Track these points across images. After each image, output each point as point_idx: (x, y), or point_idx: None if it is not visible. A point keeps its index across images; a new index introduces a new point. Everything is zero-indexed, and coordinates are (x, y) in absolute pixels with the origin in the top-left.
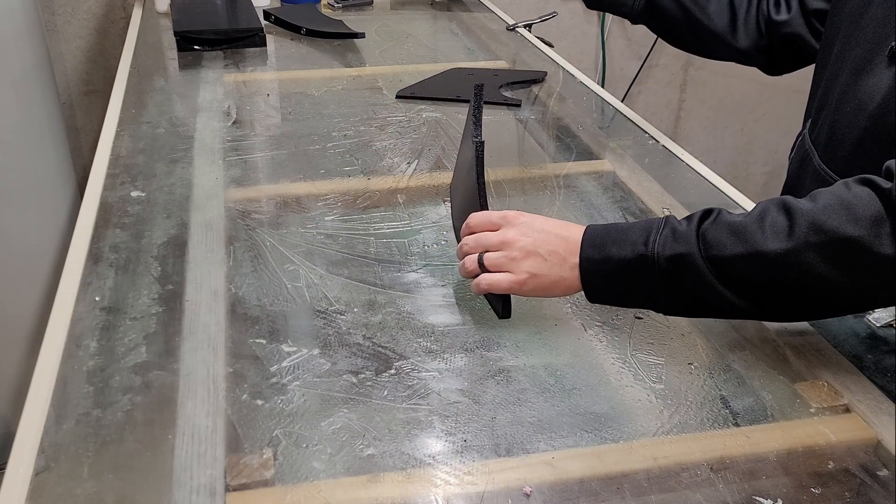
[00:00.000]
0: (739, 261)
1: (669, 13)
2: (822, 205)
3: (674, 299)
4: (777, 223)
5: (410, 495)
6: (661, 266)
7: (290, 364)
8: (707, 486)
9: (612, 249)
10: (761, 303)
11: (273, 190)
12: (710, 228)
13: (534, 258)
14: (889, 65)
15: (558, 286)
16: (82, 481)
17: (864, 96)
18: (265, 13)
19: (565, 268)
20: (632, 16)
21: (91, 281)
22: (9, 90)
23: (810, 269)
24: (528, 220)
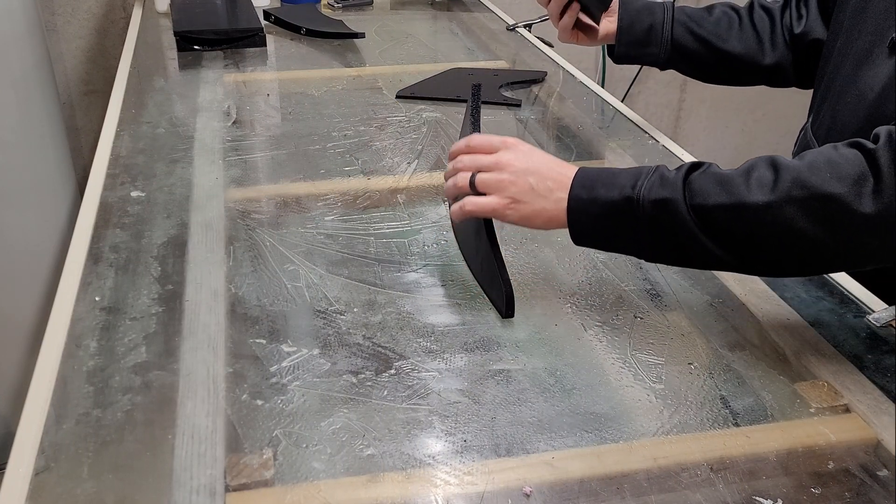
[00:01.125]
0: (722, 210)
1: (695, 52)
2: (807, 162)
3: (657, 245)
4: (763, 177)
5: (410, 495)
6: (646, 209)
7: (290, 364)
8: (707, 486)
9: (601, 191)
10: (742, 254)
11: (273, 190)
12: (698, 178)
13: (522, 184)
14: (889, 55)
15: (540, 217)
16: (82, 481)
17: (865, 87)
18: (265, 13)
19: (550, 200)
20: (660, 63)
21: (91, 281)
22: (9, 90)
23: (790, 223)
24: (527, 149)
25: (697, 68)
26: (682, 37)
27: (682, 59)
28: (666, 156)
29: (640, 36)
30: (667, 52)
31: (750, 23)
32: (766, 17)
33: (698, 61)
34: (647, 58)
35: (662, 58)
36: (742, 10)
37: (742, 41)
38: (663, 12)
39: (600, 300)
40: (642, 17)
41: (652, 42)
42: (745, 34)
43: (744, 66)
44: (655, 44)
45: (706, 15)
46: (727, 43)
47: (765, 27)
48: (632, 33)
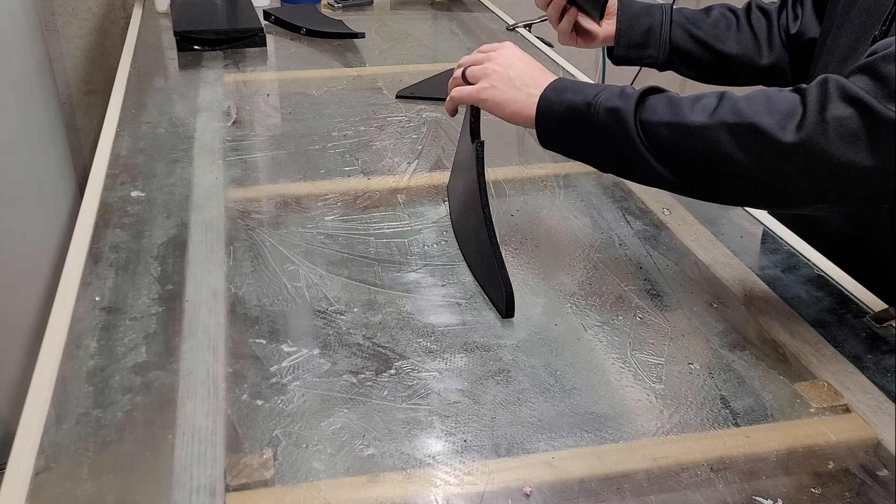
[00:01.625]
0: (663, 127)
1: (692, 53)
2: (748, 95)
3: (605, 154)
4: (707, 103)
5: (410, 495)
6: (600, 116)
7: (290, 364)
8: (707, 486)
9: (568, 95)
10: (676, 171)
11: (273, 190)
12: (653, 98)
13: (502, 74)
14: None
15: (510, 105)
16: (82, 481)
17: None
18: (265, 13)
19: (523, 93)
20: (658, 65)
21: (91, 281)
22: (9, 90)
23: (718, 145)
24: (520, 53)
25: (695, 69)
26: (681, 38)
27: (681, 60)
28: None
29: (638, 38)
30: (665, 53)
31: (747, 24)
32: (763, 18)
33: (696, 63)
34: (645, 59)
35: (661, 59)
36: (739, 12)
37: (739, 42)
38: (661, 14)
39: (600, 300)
40: (641, 20)
41: (650, 44)
42: (743, 35)
43: (741, 66)
44: (654, 46)
45: (704, 17)
46: (724, 44)
47: (762, 28)
48: (630, 35)
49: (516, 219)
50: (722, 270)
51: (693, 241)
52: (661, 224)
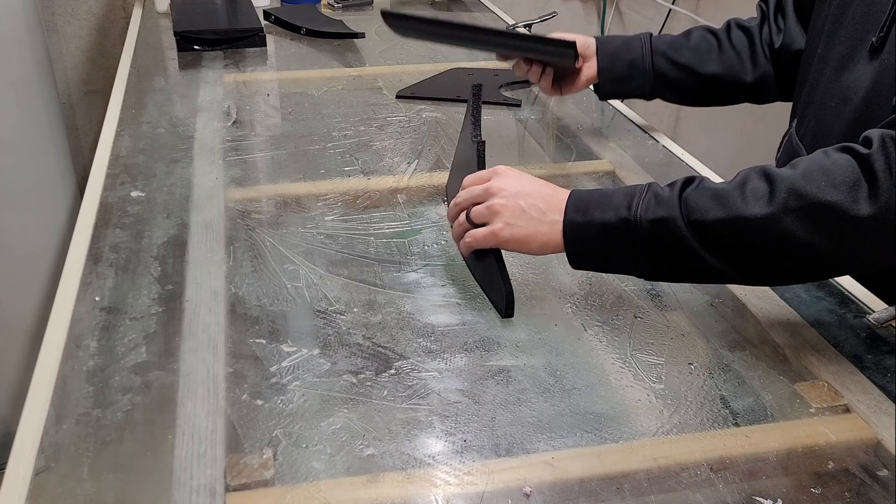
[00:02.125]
0: (720, 225)
1: (677, 79)
2: (801, 171)
3: (656, 264)
4: (757, 189)
5: (410, 495)
6: (644, 229)
7: (290, 364)
8: (707, 486)
9: (596, 213)
10: (743, 266)
11: (273, 190)
12: (693, 194)
13: (513, 207)
14: (870, 60)
15: (534, 240)
16: (82, 481)
17: (848, 91)
18: (265, 13)
19: (544, 223)
20: (645, 94)
21: (91, 281)
22: (9, 90)
23: (790, 233)
24: (516, 174)
25: (681, 94)
26: (664, 66)
27: (666, 87)
28: (666, 156)
29: (622, 72)
30: (650, 82)
31: (729, 44)
32: (743, 35)
33: (682, 88)
34: (632, 91)
35: (647, 89)
36: (720, 32)
37: (722, 63)
38: (642, 46)
39: (600, 300)
40: (621, 54)
41: (635, 76)
42: (725, 55)
43: (726, 86)
44: (638, 76)
45: (685, 41)
46: (708, 66)
47: (743, 46)
48: (614, 71)
49: None
50: None
51: None
52: None
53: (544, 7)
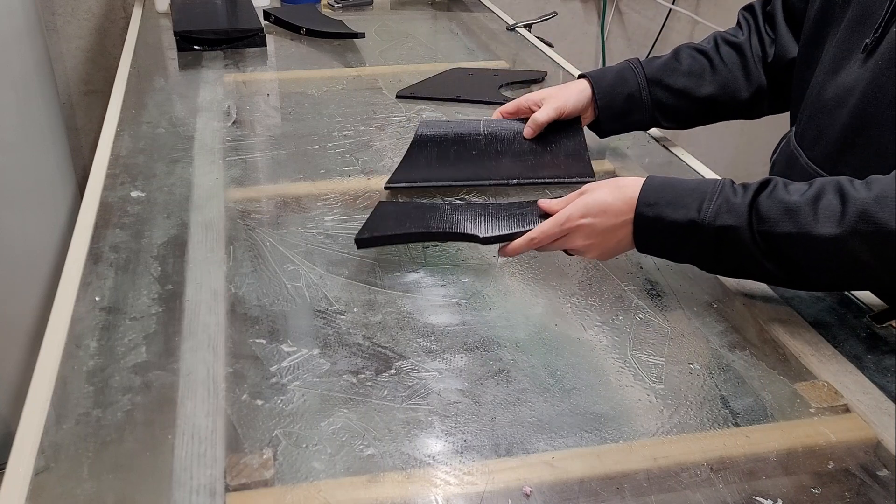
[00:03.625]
0: (787, 239)
1: (674, 105)
2: (875, 195)
3: (719, 264)
4: (830, 207)
5: (410, 495)
6: (710, 234)
7: (290, 364)
8: (707, 486)
9: (666, 210)
10: (800, 277)
11: (273, 190)
12: (765, 203)
13: (597, 249)
14: (864, 62)
15: (619, 246)
16: (82, 481)
17: (843, 93)
18: (265, 13)
19: (620, 228)
20: (643, 126)
21: (91, 281)
22: (9, 90)
23: (854, 255)
24: (589, 224)
25: (677, 120)
26: (660, 95)
27: (662, 115)
28: (666, 156)
29: (620, 108)
30: (649, 113)
31: (721, 62)
32: (733, 52)
33: (677, 113)
34: (631, 126)
35: (646, 121)
36: (709, 51)
37: (717, 83)
38: (636, 77)
39: (600, 300)
40: (617, 89)
41: (633, 109)
42: (718, 76)
43: (722, 106)
44: (637, 110)
45: (676, 65)
46: (703, 89)
47: (735, 63)
48: (612, 108)
49: None
50: None
51: None
52: None
53: (544, 7)
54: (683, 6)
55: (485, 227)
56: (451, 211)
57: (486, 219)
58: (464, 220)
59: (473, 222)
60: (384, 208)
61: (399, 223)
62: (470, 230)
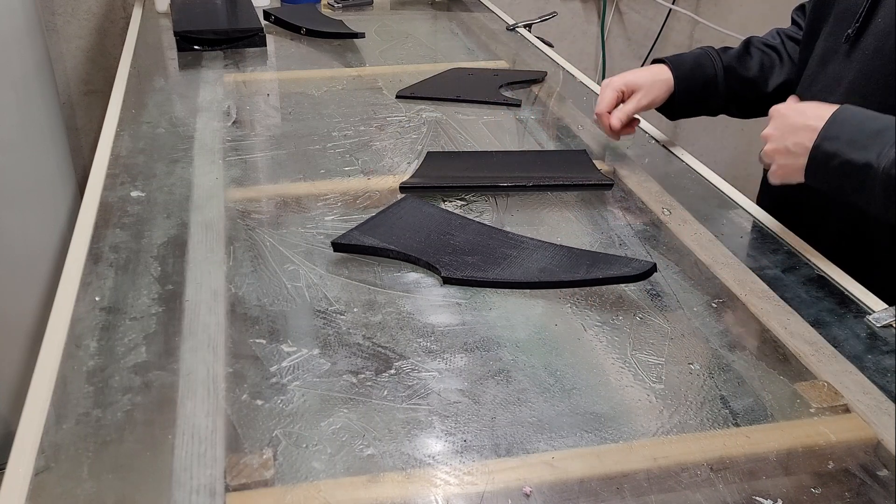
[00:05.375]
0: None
1: (743, 96)
2: None
3: (887, 211)
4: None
5: (410, 495)
6: (883, 182)
7: (290, 364)
8: (707, 486)
9: (845, 148)
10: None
11: (273, 190)
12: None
13: (783, 154)
14: (848, 53)
15: (801, 173)
16: (82, 481)
17: (831, 84)
18: (265, 13)
19: (806, 156)
20: (713, 113)
21: (91, 281)
22: (9, 90)
23: None
24: (784, 114)
25: (743, 109)
26: (733, 84)
27: (732, 103)
28: (666, 156)
29: (697, 94)
30: (722, 101)
31: (788, 56)
32: (797, 48)
33: (745, 102)
34: (703, 111)
35: (718, 107)
36: (778, 46)
37: (785, 74)
38: (713, 64)
39: (600, 300)
40: (696, 75)
41: (709, 96)
42: (786, 69)
43: (787, 97)
44: (713, 97)
45: (748, 57)
46: (772, 82)
47: (781, 54)
48: (689, 93)
49: (516, 218)
50: (722, 270)
51: (693, 241)
52: (661, 224)
53: (544, 7)
54: (683, 6)
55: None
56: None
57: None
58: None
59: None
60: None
61: (388, 235)
62: (438, 265)
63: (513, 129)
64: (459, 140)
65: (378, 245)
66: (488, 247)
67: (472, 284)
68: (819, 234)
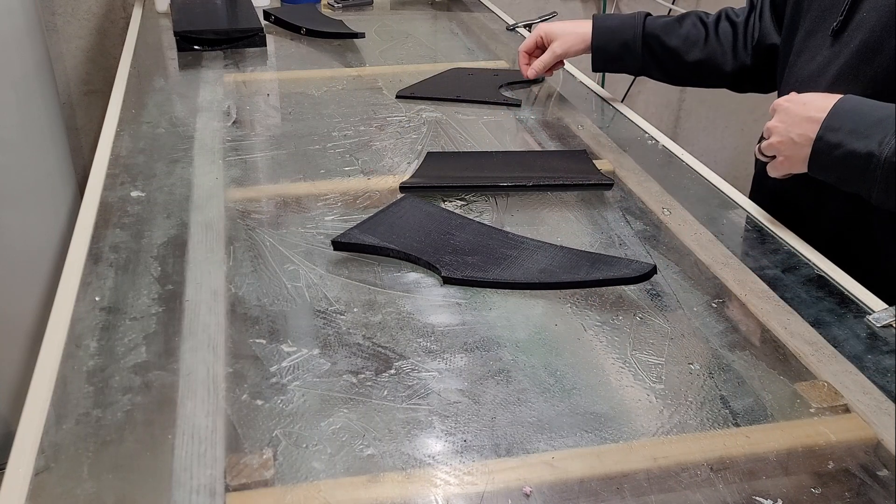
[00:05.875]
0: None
1: (663, 61)
2: None
3: (888, 198)
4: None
5: (410, 495)
6: (885, 169)
7: (290, 364)
8: (707, 486)
9: (847, 138)
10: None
11: (273, 190)
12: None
13: (787, 145)
14: (832, 44)
15: (806, 161)
16: (82, 481)
17: (814, 76)
18: (265, 13)
19: (809, 146)
20: (632, 72)
21: (91, 281)
22: (9, 90)
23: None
24: (786, 107)
25: (666, 74)
26: (654, 48)
27: (654, 66)
28: (666, 156)
29: (614, 52)
30: (638, 63)
31: (715, 35)
32: (729, 28)
33: (666, 69)
34: (621, 69)
35: (635, 68)
36: (709, 22)
37: (705, 52)
38: (633, 28)
39: (600, 300)
40: (615, 36)
41: (626, 56)
42: (710, 46)
43: (707, 72)
44: (629, 58)
45: (676, 27)
46: (692, 55)
47: (727, 38)
48: (607, 51)
49: (516, 218)
50: (722, 270)
51: (693, 241)
52: (661, 224)
53: (544, 7)
54: (683, 6)
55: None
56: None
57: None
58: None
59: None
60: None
61: (389, 234)
62: (438, 264)
63: (513, 129)
64: (459, 140)
65: (378, 244)
66: (488, 247)
67: (472, 284)
68: (812, 228)
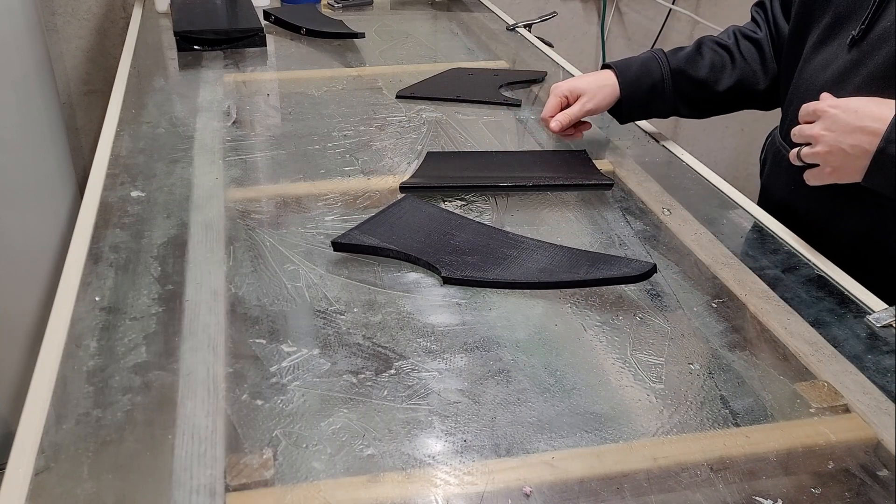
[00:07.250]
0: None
1: (693, 97)
2: None
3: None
4: None
5: (410, 495)
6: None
7: (290, 364)
8: (707, 486)
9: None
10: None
11: (273, 190)
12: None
13: (838, 155)
14: (852, 54)
15: (859, 174)
16: (82, 481)
17: (834, 87)
18: (265, 13)
19: (864, 159)
20: (663, 115)
21: (91, 281)
22: (9, 90)
23: None
24: (834, 114)
25: (698, 109)
26: (681, 85)
27: (684, 105)
28: (666, 156)
29: (643, 98)
30: (669, 104)
31: (741, 57)
32: (752, 47)
33: (698, 102)
34: (652, 114)
35: (666, 110)
36: (731, 46)
37: (735, 76)
38: (660, 68)
39: (600, 300)
40: (642, 80)
41: (656, 99)
42: (738, 70)
43: (741, 96)
44: (660, 100)
45: (698, 58)
46: (722, 83)
47: (753, 58)
48: (634, 98)
49: (516, 218)
50: (722, 270)
51: (693, 241)
52: (661, 224)
53: (544, 7)
54: (683, 6)
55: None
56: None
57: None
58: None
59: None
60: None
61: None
62: (438, 264)
63: (513, 129)
64: (459, 140)
65: (378, 244)
66: (488, 247)
67: (472, 284)
68: (825, 242)
